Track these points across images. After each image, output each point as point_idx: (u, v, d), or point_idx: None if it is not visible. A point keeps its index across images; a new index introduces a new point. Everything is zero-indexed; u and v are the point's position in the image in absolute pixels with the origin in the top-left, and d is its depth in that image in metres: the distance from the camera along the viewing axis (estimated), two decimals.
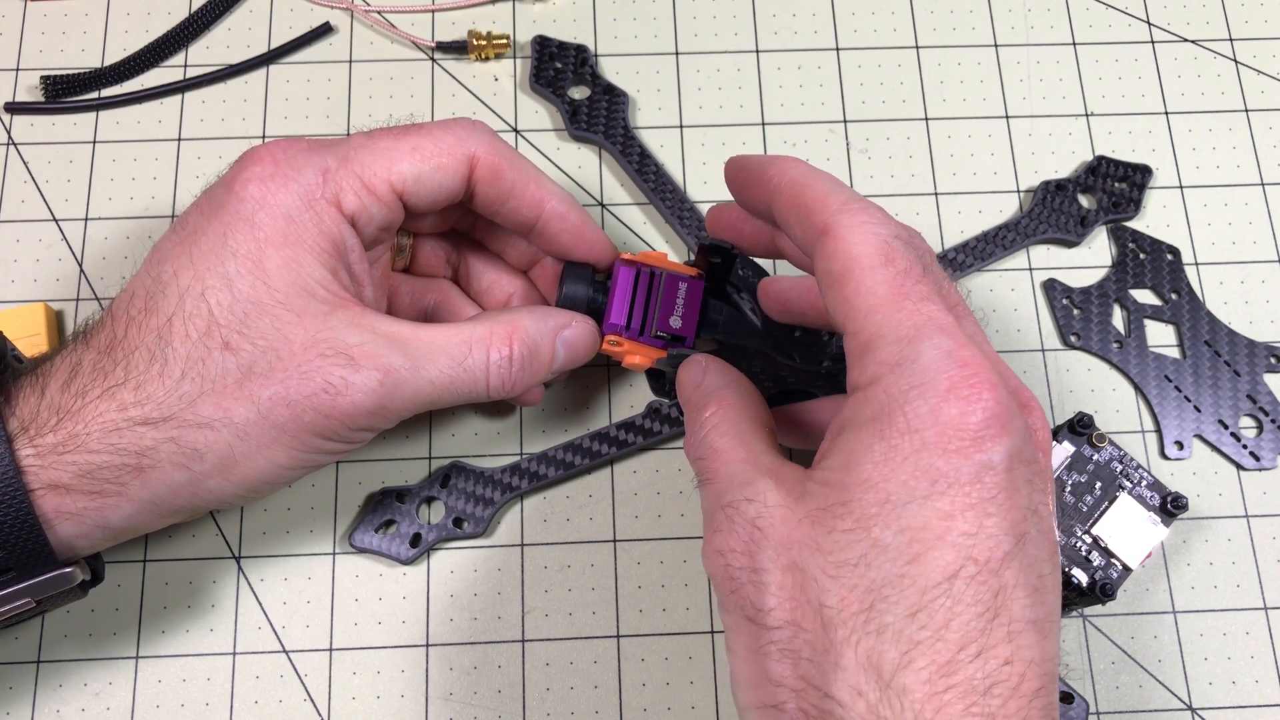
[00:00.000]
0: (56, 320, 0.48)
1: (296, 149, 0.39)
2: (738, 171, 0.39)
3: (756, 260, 0.45)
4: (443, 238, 0.45)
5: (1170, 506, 0.42)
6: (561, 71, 0.53)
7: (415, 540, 0.45)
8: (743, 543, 0.33)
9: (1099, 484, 0.42)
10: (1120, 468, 0.43)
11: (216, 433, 0.36)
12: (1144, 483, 0.43)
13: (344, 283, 0.39)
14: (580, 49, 0.53)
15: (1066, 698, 0.42)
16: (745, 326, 0.41)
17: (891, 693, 0.29)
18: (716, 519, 0.34)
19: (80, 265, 0.49)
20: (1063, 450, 0.43)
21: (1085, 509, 0.42)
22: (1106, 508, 0.42)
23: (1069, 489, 0.42)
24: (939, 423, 0.30)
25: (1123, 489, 0.42)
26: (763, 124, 0.53)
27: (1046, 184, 0.51)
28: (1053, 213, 0.51)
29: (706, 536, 0.34)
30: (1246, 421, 0.49)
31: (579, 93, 0.53)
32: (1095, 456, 0.43)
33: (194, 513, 0.39)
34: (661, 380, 0.45)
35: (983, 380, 0.30)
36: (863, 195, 0.35)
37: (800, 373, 0.42)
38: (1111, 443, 0.43)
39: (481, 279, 0.46)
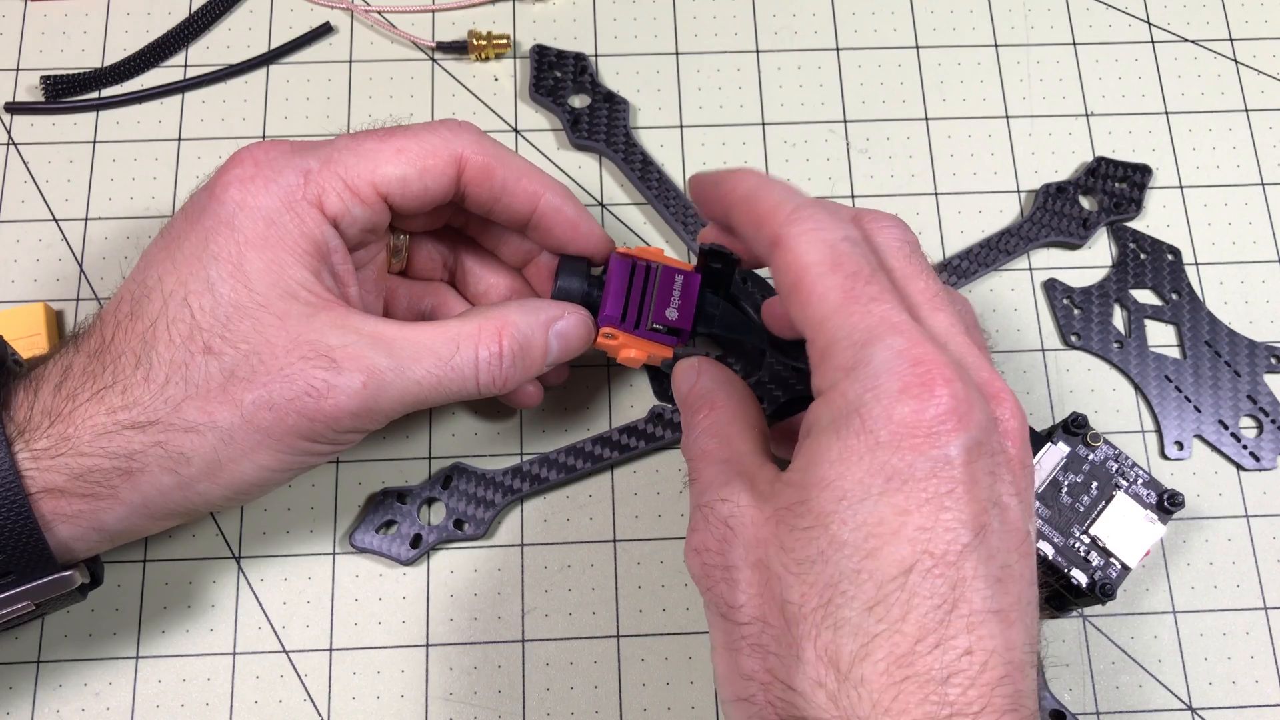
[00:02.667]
0: (56, 320, 0.48)
1: (278, 151, 0.39)
2: (698, 188, 0.40)
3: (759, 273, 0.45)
4: (439, 240, 0.45)
5: (1167, 504, 0.42)
6: (561, 80, 0.53)
7: (415, 541, 0.45)
8: (716, 541, 0.34)
9: (1095, 484, 0.42)
10: (1116, 466, 0.43)
11: (201, 437, 0.36)
12: (1140, 481, 0.43)
13: (327, 284, 0.38)
14: (579, 57, 0.53)
15: (1058, 716, 0.43)
16: (743, 322, 0.41)
17: (849, 684, 0.29)
18: (695, 518, 0.35)
19: (80, 265, 0.49)
20: (1058, 451, 0.43)
21: (1082, 509, 0.42)
22: (1103, 507, 0.42)
23: (1065, 489, 0.42)
24: (892, 421, 0.30)
25: (1119, 488, 0.42)
26: (763, 124, 0.53)
27: (1047, 187, 0.51)
28: (1054, 216, 0.51)
29: (687, 535, 0.35)
30: (1246, 422, 0.49)
31: (579, 101, 0.53)
32: (1090, 456, 0.43)
33: (189, 515, 0.38)
34: (664, 383, 0.44)
35: (936, 375, 0.31)
36: (819, 197, 0.36)
37: (808, 380, 0.42)
38: (1106, 442, 0.43)
39: (479, 282, 0.46)
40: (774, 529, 0.32)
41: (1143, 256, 0.51)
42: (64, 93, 0.52)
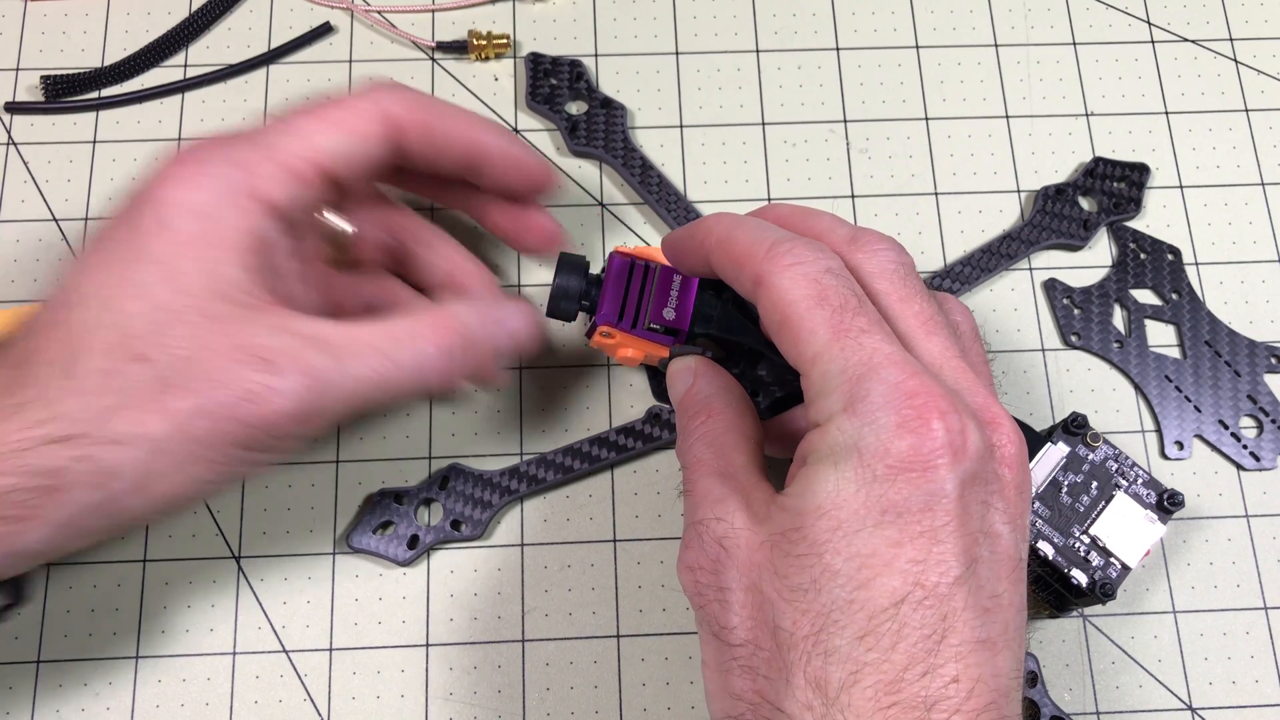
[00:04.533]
0: None
1: (212, 146, 0.37)
2: (672, 246, 0.39)
3: None
4: (383, 229, 0.44)
5: (1167, 503, 0.42)
6: (557, 88, 0.52)
7: (413, 542, 0.45)
8: (710, 561, 0.34)
9: (1095, 484, 0.42)
10: (1115, 466, 0.43)
11: (132, 449, 0.34)
12: (1140, 481, 0.43)
13: (267, 283, 0.37)
14: (574, 63, 0.53)
15: None
16: (740, 323, 0.41)
17: (837, 708, 0.30)
18: (688, 535, 0.35)
19: None
20: (1058, 451, 0.43)
21: (1082, 509, 0.42)
22: (1103, 507, 0.42)
23: (1064, 489, 0.42)
24: (889, 456, 0.30)
25: (1119, 488, 0.42)
26: (763, 124, 0.53)
27: (1046, 189, 0.51)
28: (1054, 218, 0.51)
29: (680, 550, 0.35)
30: (1246, 421, 0.49)
31: (576, 108, 0.52)
32: (1090, 456, 0.43)
33: (115, 532, 0.37)
34: (662, 383, 0.44)
35: (931, 409, 0.31)
36: (814, 207, 0.36)
37: None
38: (1106, 442, 0.43)
39: (428, 270, 0.44)
40: (768, 554, 0.32)
41: (1143, 256, 0.51)
42: (64, 93, 0.52)
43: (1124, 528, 0.42)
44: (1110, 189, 0.52)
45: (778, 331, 0.34)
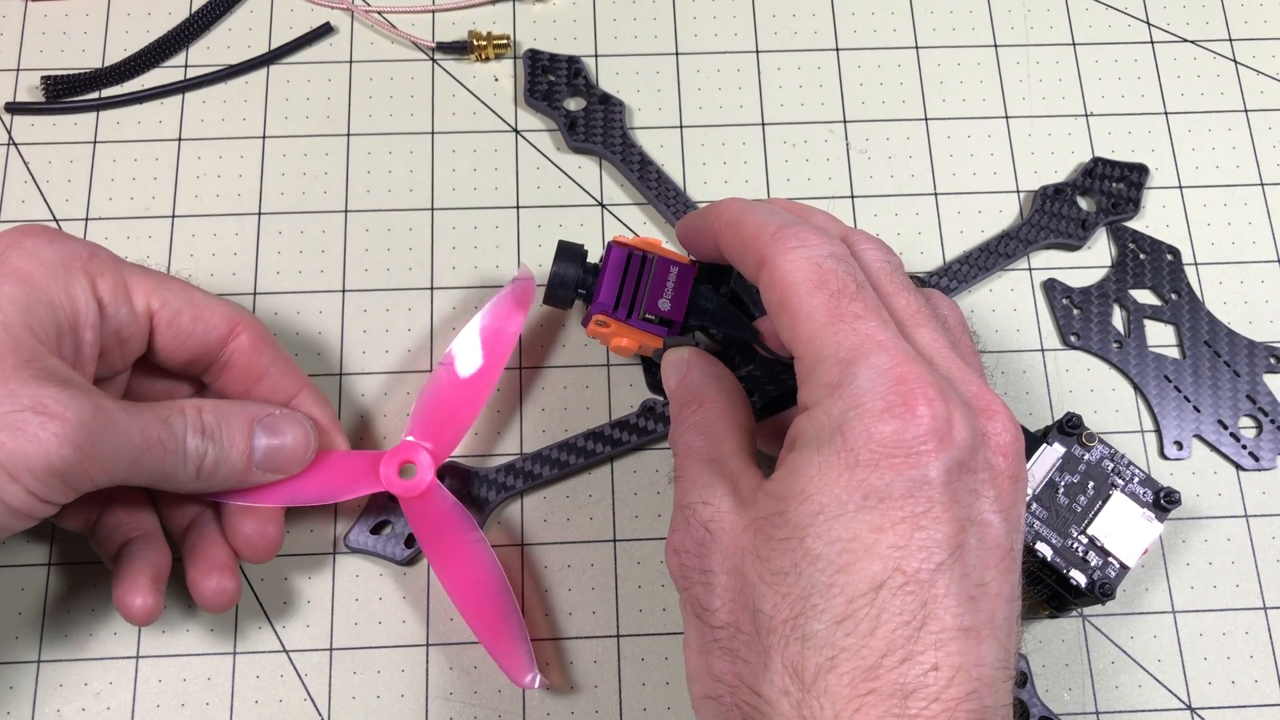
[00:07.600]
0: None
1: (68, 234, 0.39)
2: (686, 230, 0.40)
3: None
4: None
5: (1163, 501, 0.42)
6: (555, 84, 0.53)
7: (410, 541, 0.45)
8: (695, 544, 0.34)
9: (1091, 484, 0.42)
10: (1111, 466, 0.43)
11: None
12: (1136, 479, 0.43)
13: (65, 348, 0.37)
14: (572, 60, 0.53)
15: None
16: (735, 316, 0.41)
17: (813, 694, 0.30)
18: (676, 518, 0.35)
19: None
20: (1053, 452, 0.43)
21: (1079, 509, 0.42)
22: (1100, 507, 0.42)
23: (1061, 490, 0.42)
24: (873, 441, 0.31)
25: (1115, 487, 0.42)
26: (763, 124, 0.53)
27: (1044, 189, 0.51)
28: (1053, 218, 0.51)
29: (668, 535, 0.36)
30: (1246, 422, 0.49)
31: (574, 104, 0.53)
32: (1086, 456, 0.43)
33: None
34: (657, 374, 0.44)
35: (918, 395, 0.31)
36: (813, 204, 0.36)
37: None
38: (1102, 441, 0.43)
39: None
40: (751, 538, 0.32)
41: (1142, 256, 0.51)
42: (64, 93, 0.52)
43: (1122, 527, 0.42)
44: (1109, 189, 0.52)
45: (777, 312, 0.34)
